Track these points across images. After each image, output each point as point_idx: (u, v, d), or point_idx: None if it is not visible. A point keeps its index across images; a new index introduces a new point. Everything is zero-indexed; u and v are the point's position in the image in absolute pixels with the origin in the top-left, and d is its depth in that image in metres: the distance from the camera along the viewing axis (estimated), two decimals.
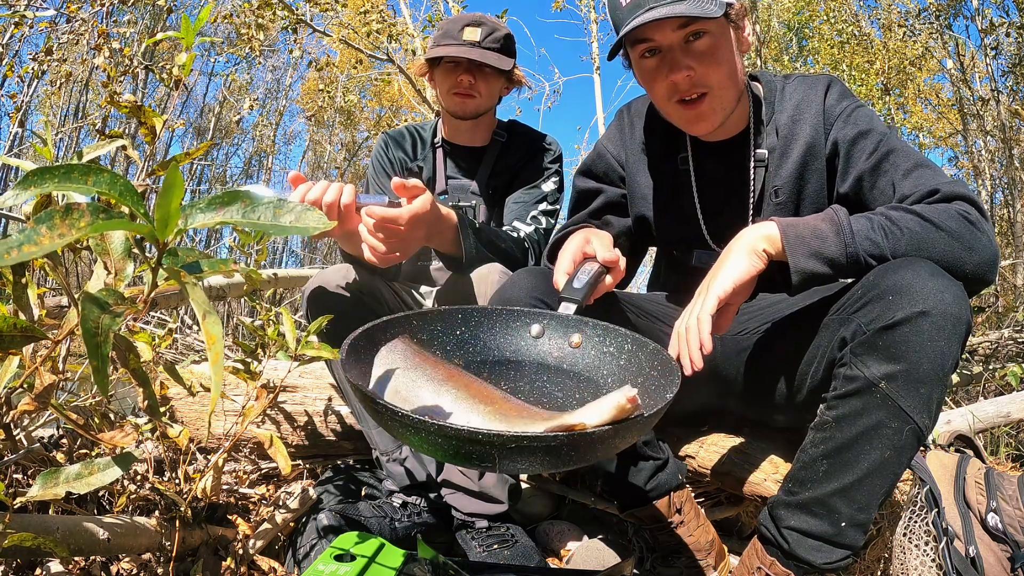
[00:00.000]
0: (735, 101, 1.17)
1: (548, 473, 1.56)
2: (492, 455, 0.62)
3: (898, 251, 0.95)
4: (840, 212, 0.99)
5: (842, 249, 0.96)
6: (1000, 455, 2.07)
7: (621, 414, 0.64)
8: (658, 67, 1.12)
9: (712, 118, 1.14)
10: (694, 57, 1.09)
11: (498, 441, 0.60)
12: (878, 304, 0.91)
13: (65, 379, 1.05)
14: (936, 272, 0.90)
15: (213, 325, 0.46)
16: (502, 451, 0.61)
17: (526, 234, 1.59)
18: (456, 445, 0.62)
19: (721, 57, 1.10)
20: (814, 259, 0.96)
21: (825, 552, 0.95)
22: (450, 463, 0.68)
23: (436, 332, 0.88)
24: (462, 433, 0.60)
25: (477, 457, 0.63)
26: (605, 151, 1.37)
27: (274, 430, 1.56)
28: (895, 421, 0.89)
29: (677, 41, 1.09)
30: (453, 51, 1.60)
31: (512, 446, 0.60)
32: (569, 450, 0.63)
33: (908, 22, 10.63)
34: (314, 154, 20.48)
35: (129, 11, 4.80)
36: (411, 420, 0.62)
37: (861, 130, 1.14)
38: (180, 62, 1.13)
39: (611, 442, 0.66)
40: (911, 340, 0.87)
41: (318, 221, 0.46)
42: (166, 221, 0.44)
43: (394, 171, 1.78)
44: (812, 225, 0.98)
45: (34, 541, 0.77)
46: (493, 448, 0.61)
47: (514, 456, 0.62)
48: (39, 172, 0.40)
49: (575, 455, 0.64)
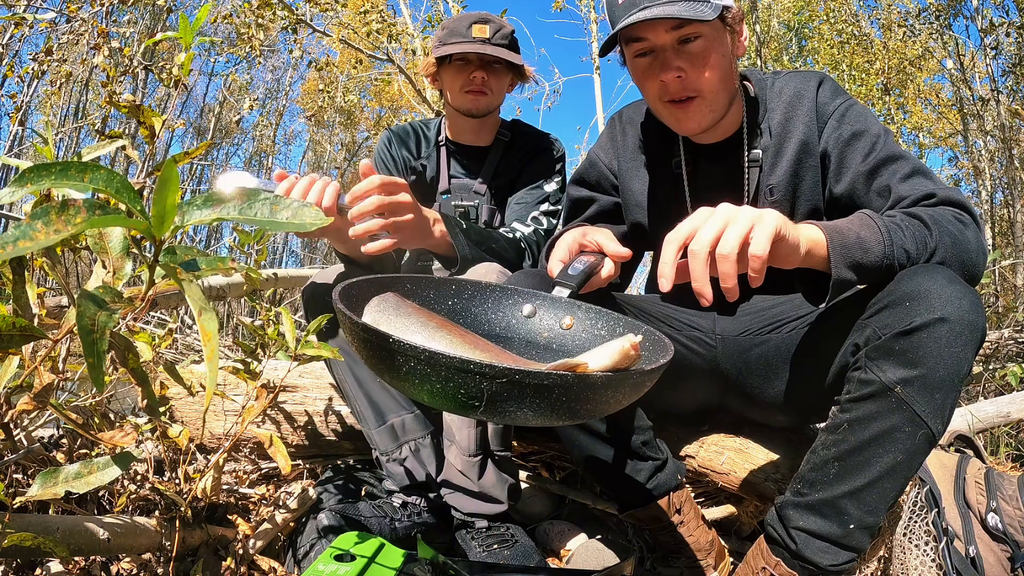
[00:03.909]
0: (727, 105, 1.17)
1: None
2: (481, 391, 0.59)
3: (923, 259, 0.95)
4: (878, 221, 0.96)
5: (880, 260, 0.94)
6: (1000, 455, 2.07)
7: (624, 360, 0.62)
8: (650, 66, 1.12)
9: (700, 120, 1.14)
10: (686, 59, 1.09)
11: (489, 372, 0.58)
12: (895, 310, 0.91)
13: (65, 379, 1.05)
14: (953, 279, 0.90)
15: (209, 321, 0.46)
16: (492, 385, 0.59)
17: (523, 235, 1.59)
18: (445, 377, 0.60)
19: (713, 61, 1.10)
20: (851, 269, 0.93)
21: (832, 554, 0.95)
22: (437, 405, 0.65)
23: (428, 299, 0.87)
24: (453, 362, 0.58)
25: (465, 393, 0.60)
26: (597, 159, 1.37)
27: (274, 430, 1.56)
28: (909, 425, 0.89)
29: (670, 42, 1.09)
30: (466, 48, 1.60)
31: (503, 380, 0.58)
32: (561, 394, 0.60)
33: (908, 22, 10.64)
34: (314, 154, 20.50)
35: (129, 11, 4.80)
36: (402, 346, 0.60)
37: (856, 130, 1.14)
38: (180, 62, 1.13)
39: (605, 394, 0.64)
40: (928, 346, 0.87)
41: (315, 217, 0.46)
42: (162, 217, 0.44)
43: (397, 168, 1.78)
44: (856, 233, 0.94)
45: (34, 541, 0.77)
46: (484, 380, 0.58)
47: (503, 395, 0.60)
48: (36, 169, 0.40)
49: (565, 402, 0.62)
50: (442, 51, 1.63)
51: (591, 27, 8.72)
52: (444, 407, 0.65)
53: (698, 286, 0.82)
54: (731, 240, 0.82)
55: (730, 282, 0.81)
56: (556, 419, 0.65)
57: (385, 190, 1.14)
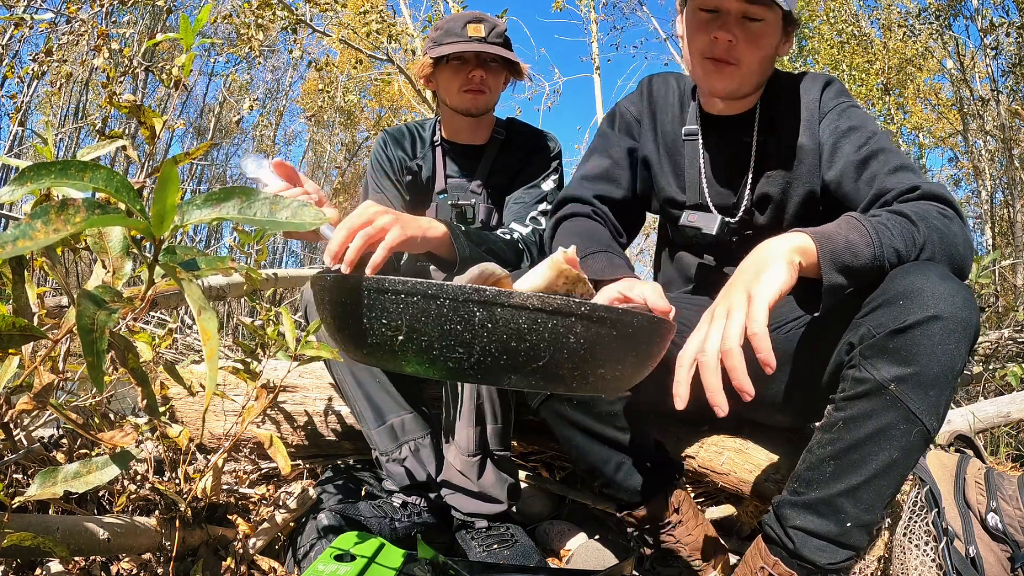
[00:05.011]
0: (754, 87, 1.25)
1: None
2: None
3: (912, 255, 0.95)
4: (865, 222, 0.96)
5: (870, 262, 0.93)
6: (1000, 455, 2.07)
7: (557, 275, 0.58)
8: (709, 22, 1.19)
9: (729, 85, 1.22)
10: (742, 31, 1.17)
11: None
12: (889, 308, 0.91)
13: (65, 379, 1.05)
14: (946, 276, 0.90)
15: (208, 321, 0.46)
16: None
17: (521, 236, 1.58)
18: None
19: (763, 44, 1.18)
20: (842, 274, 0.93)
21: (830, 552, 0.95)
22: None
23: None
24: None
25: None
26: (626, 110, 1.44)
27: (274, 430, 1.56)
28: (904, 423, 0.89)
29: (737, 11, 1.16)
30: (463, 47, 1.60)
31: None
32: (483, 317, 0.59)
33: (908, 22, 10.64)
34: (314, 154, 20.49)
35: (129, 11, 4.80)
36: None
37: (852, 124, 1.20)
38: (180, 62, 1.13)
39: (533, 326, 0.60)
40: (922, 343, 0.87)
41: (314, 217, 0.46)
42: (162, 217, 0.44)
43: (393, 169, 1.77)
44: (844, 237, 0.94)
45: (34, 541, 0.77)
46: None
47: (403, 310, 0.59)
48: (36, 168, 0.40)
49: (488, 331, 0.59)
50: (439, 51, 1.63)
51: (591, 27, 8.72)
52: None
53: (714, 397, 0.83)
54: (731, 336, 0.82)
55: (740, 379, 0.81)
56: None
57: (360, 227, 1.11)
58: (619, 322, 0.64)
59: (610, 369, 0.67)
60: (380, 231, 1.12)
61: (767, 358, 0.81)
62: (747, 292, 0.85)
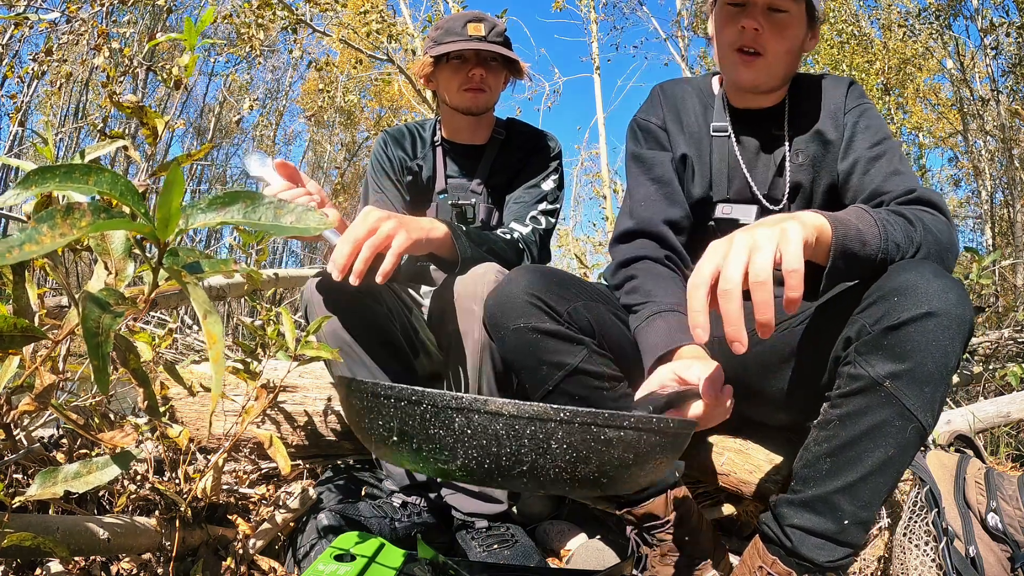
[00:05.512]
0: (781, 79, 1.29)
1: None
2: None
3: (909, 253, 0.98)
4: (873, 214, 0.98)
5: (876, 253, 0.95)
6: (1000, 455, 2.07)
7: None
8: (737, 15, 1.24)
9: (756, 76, 1.26)
10: (767, 21, 1.22)
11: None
12: (883, 304, 0.91)
13: (65, 379, 1.05)
14: (940, 273, 0.91)
15: (214, 324, 0.46)
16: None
17: (522, 235, 1.58)
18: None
19: (787, 35, 1.24)
20: (846, 259, 0.92)
21: (828, 550, 0.96)
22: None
23: None
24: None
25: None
26: (647, 123, 1.43)
27: (274, 430, 1.56)
28: (899, 419, 0.90)
29: (763, 2, 1.22)
30: (463, 46, 1.60)
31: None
32: (462, 424, 0.61)
33: (908, 22, 10.64)
34: (314, 154, 20.47)
35: (129, 11, 4.80)
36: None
37: (870, 124, 1.27)
38: (181, 63, 1.13)
39: (511, 432, 0.61)
40: (916, 340, 0.88)
41: (319, 221, 0.46)
42: (167, 221, 0.44)
43: (394, 169, 1.78)
44: (856, 227, 0.94)
45: (34, 541, 0.77)
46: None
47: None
48: (40, 171, 0.40)
49: (468, 436, 0.61)
50: (439, 50, 1.63)
51: (591, 27, 8.72)
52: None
53: (733, 330, 0.77)
54: (763, 266, 0.78)
55: (768, 312, 0.77)
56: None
57: (366, 237, 1.12)
58: (607, 427, 0.62)
59: (607, 472, 0.65)
60: (386, 239, 1.13)
61: (796, 296, 0.77)
62: (774, 232, 0.81)
